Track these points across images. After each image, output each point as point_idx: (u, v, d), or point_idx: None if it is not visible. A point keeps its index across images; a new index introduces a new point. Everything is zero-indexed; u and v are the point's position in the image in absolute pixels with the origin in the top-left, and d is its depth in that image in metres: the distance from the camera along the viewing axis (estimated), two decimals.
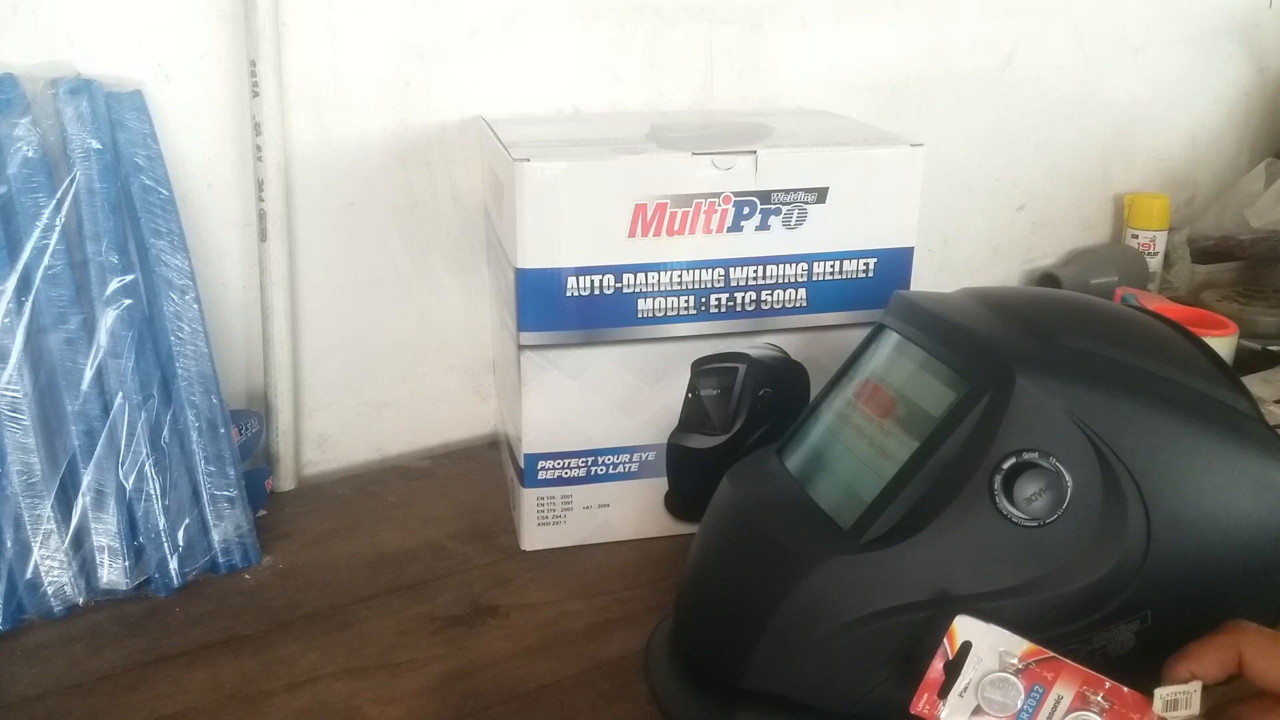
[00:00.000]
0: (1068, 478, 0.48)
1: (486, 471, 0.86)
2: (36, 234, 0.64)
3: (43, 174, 0.65)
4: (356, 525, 0.78)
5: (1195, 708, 0.44)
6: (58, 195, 0.65)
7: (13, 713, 0.58)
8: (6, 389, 0.64)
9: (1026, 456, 0.48)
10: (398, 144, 0.83)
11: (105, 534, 0.66)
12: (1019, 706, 0.45)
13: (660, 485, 0.74)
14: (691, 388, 0.72)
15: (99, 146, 0.66)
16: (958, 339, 0.54)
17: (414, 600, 0.68)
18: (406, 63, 0.81)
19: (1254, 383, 0.94)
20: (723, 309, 0.70)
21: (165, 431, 0.68)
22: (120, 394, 0.66)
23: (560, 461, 0.72)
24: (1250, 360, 1.00)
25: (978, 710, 0.45)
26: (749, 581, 0.53)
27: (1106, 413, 0.49)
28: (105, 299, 0.66)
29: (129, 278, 0.67)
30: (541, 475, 0.72)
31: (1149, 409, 0.50)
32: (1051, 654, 0.46)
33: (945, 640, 0.46)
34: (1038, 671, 0.45)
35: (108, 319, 0.66)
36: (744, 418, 0.73)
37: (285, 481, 0.83)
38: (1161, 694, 0.44)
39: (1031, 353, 0.51)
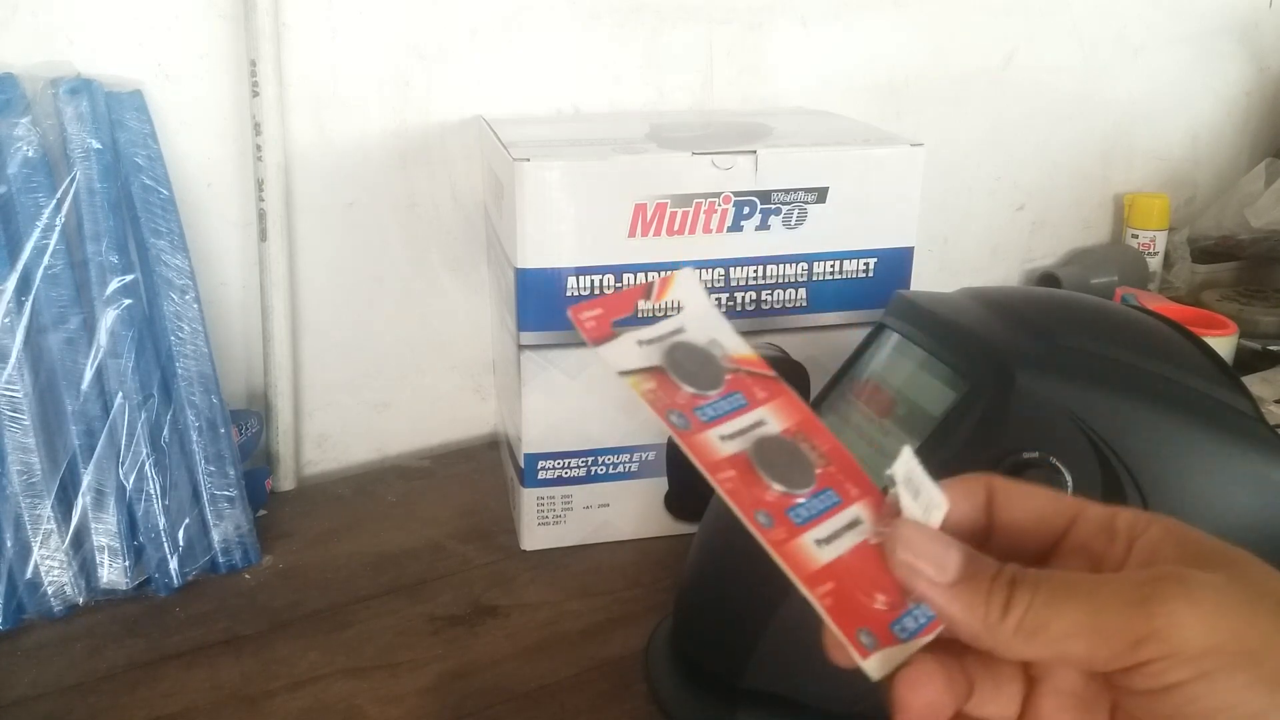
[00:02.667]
0: (1068, 478, 0.48)
1: (486, 471, 0.86)
2: (36, 234, 0.64)
3: (43, 174, 0.65)
4: (356, 525, 0.78)
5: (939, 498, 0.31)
6: (58, 195, 0.65)
7: (13, 713, 0.58)
8: (6, 389, 0.64)
9: (1026, 456, 0.48)
10: (398, 144, 0.83)
11: (105, 534, 0.66)
12: (713, 398, 0.33)
13: (660, 485, 0.74)
14: None
15: (99, 146, 0.66)
16: (958, 339, 0.54)
17: (414, 600, 0.68)
18: (406, 63, 0.81)
19: (1254, 383, 0.93)
20: (722, 309, 0.70)
21: (165, 431, 0.68)
22: (120, 394, 0.66)
23: (560, 461, 0.72)
24: (1250, 360, 0.99)
25: (658, 371, 0.34)
26: (749, 581, 0.53)
27: (1107, 413, 0.49)
28: (105, 299, 0.66)
29: (129, 278, 0.67)
30: (541, 475, 0.72)
31: (1149, 409, 0.50)
32: (774, 375, 0.35)
33: (657, 282, 0.36)
34: (746, 382, 0.35)
35: (108, 319, 0.66)
36: None
37: (285, 481, 0.83)
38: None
39: (1032, 353, 0.51)
